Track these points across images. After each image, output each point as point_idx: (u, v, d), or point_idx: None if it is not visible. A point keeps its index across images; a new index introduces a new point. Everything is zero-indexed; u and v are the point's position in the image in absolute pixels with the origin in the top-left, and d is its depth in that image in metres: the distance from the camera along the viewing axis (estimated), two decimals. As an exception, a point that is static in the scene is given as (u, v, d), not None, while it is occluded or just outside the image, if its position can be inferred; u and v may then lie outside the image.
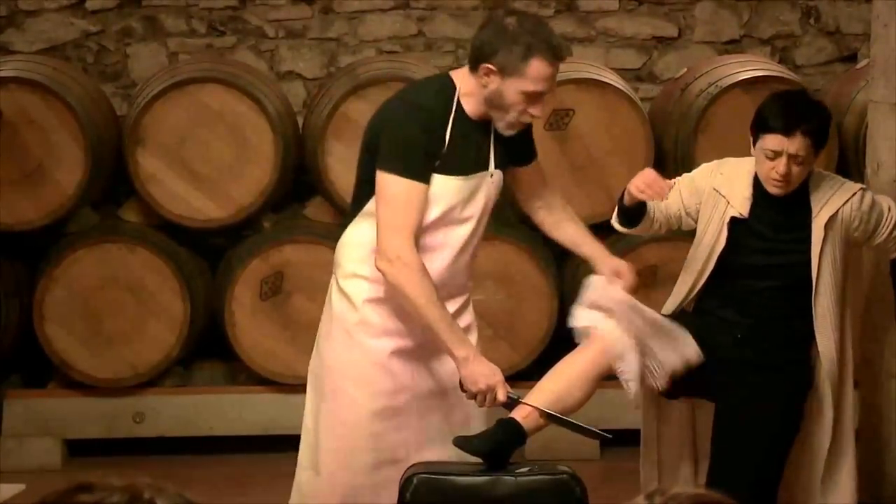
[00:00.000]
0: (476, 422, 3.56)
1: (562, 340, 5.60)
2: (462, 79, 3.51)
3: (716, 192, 3.70)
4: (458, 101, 3.48)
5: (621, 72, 5.91)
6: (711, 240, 3.68)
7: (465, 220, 3.53)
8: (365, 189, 3.49)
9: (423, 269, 3.36)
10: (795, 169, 3.59)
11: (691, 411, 3.77)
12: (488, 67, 3.42)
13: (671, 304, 3.79)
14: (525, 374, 5.27)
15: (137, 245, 5.29)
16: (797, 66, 6.12)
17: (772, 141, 3.59)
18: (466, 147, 3.49)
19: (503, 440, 3.42)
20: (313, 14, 6.14)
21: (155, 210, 5.36)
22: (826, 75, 6.14)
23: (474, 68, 3.46)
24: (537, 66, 3.40)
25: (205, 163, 5.31)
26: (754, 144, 3.65)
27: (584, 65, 5.74)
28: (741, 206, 3.66)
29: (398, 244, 3.34)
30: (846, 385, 3.65)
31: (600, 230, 5.53)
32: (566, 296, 5.50)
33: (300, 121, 5.79)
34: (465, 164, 3.49)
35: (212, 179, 5.33)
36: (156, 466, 5.03)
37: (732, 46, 6.17)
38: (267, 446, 5.22)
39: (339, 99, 5.35)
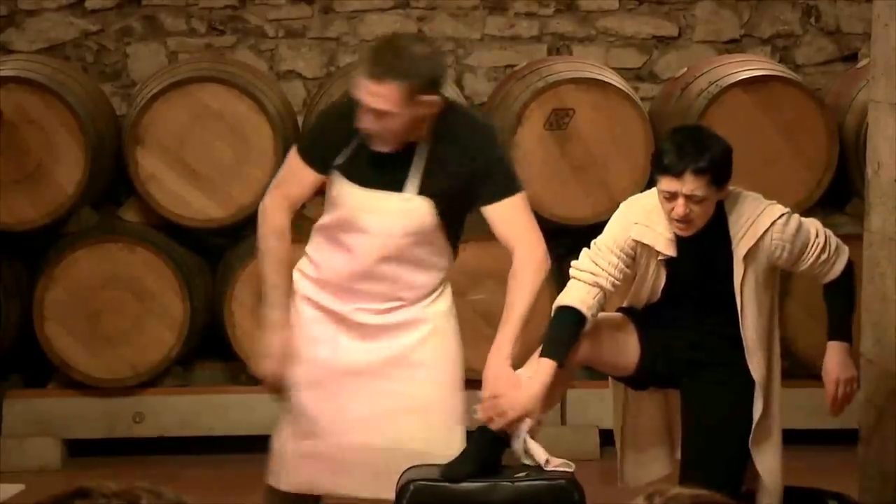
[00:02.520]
0: (411, 418, 3.61)
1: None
2: None
3: (639, 243, 3.62)
4: None
5: (621, 71, 5.91)
6: (651, 280, 3.66)
7: (368, 232, 3.60)
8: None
9: (279, 229, 3.70)
10: (694, 209, 3.52)
11: (663, 399, 3.82)
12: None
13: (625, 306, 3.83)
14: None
15: (137, 245, 5.29)
16: (798, 65, 6.12)
17: (666, 182, 3.53)
18: (374, 161, 3.56)
19: (486, 454, 3.48)
20: (313, 13, 6.14)
21: (155, 210, 5.37)
22: (826, 75, 6.14)
23: None
24: (356, 81, 3.53)
25: (205, 162, 5.31)
26: (657, 187, 3.60)
27: (585, 64, 5.74)
28: (667, 248, 3.60)
29: (268, 200, 3.73)
30: (773, 395, 3.72)
31: (600, 230, 5.54)
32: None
33: (300, 120, 5.79)
34: (367, 175, 3.59)
35: (212, 179, 5.33)
36: (155, 466, 5.04)
37: (733, 46, 6.17)
38: (268, 447, 5.21)
39: (339, 98, 5.35)
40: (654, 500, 1.43)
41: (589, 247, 3.68)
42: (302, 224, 5.56)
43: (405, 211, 3.58)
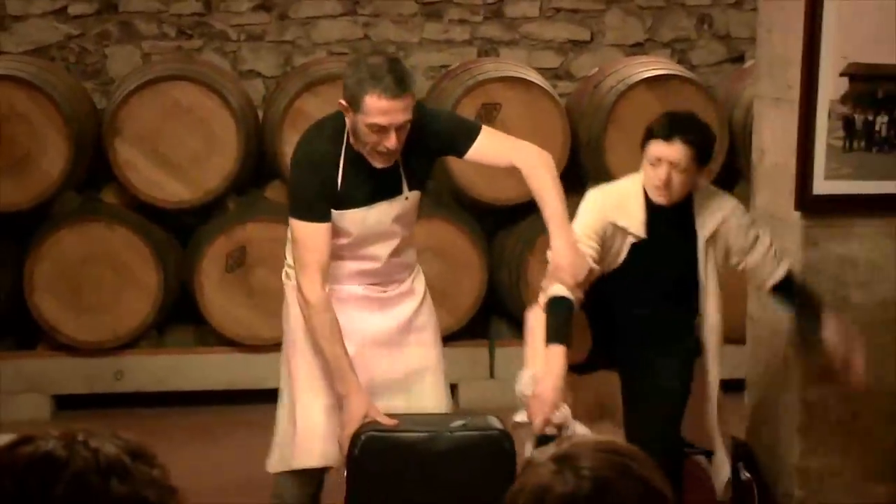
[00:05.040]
0: (420, 377, 3.53)
1: (490, 307, 5.64)
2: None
3: (614, 224, 3.51)
4: (349, 141, 3.36)
5: (542, 70, 5.93)
6: (614, 260, 3.55)
7: (386, 237, 3.46)
8: None
9: (326, 307, 3.33)
10: (676, 177, 3.43)
11: (600, 382, 3.72)
12: (342, 103, 3.32)
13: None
14: (458, 336, 5.29)
15: (116, 224, 5.24)
16: (693, 66, 6.17)
17: (654, 147, 3.44)
18: (362, 182, 3.35)
19: None
20: (271, 20, 6.10)
21: (131, 193, 5.32)
22: (718, 74, 6.19)
23: (340, 104, 3.36)
24: (371, 102, 3.22)
25: (175, 151, 5.27)
26: (644, 157, 3.50)
27: (510, 65, 5.75)
28: (639, 230, 3.51)
29: (307, 286, 3.32)
30: (718, 369, 3.62)
31: (523, 210, 5.57)
32: (495, 268, 5.53)
33: (260, 114, 5.76)
34: (364, 196, 3.37)
35: (182, 166, 5.29)
36: (134, 418, 5.01)
37: (638, 49, 6.21)
38: (231, 400, 5.21)
39: (294, 95, 5.32)
40: (563, 444, 1.43)
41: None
42: (263, 204, 5.55)
43: (404, 208, 3.45)
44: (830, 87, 3.46)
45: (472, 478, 3.24)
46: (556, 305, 3.40)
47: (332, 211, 3.34)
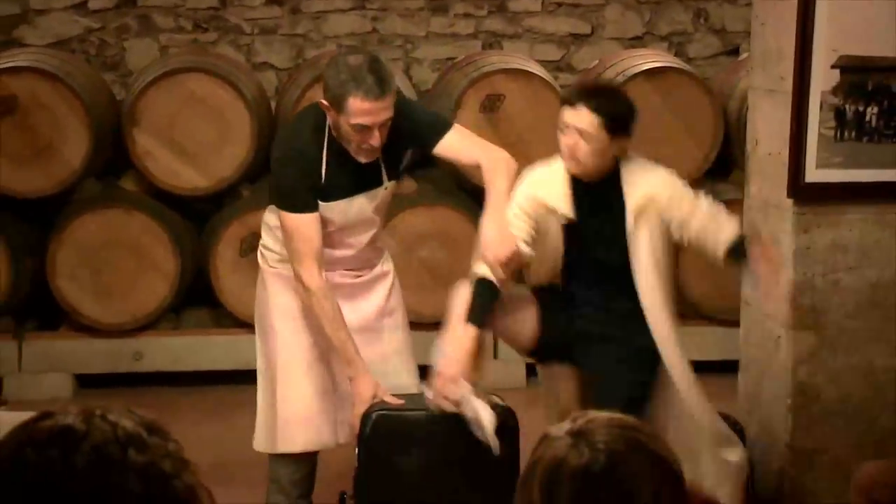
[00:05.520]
0: (396, 357, 3.53)
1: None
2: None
3: (544, 205, 3.33)
4: (331, 135, 3.32)
5: (544, 63, 5.93)
6: (553, 244, 3.39)
7: (366, 226, 3.45)
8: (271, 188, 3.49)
9: (326, 293, 3.32)
10: (583, 146, 3.23)
11: (556, 374, 3.58)
12: (324, 103, 3.28)
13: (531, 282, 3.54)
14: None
15: (135, 210, 5.26)
16: (689, 58, 6.17)
17: (563, 113, 3.27)
18: (345, 173, 3.33)
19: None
20: (283, 14, 6.10)
21: (149, 180, 5.33)
22: (713, 66, 6.19)
23: (321, 102, 3.32)
24: (354, 104, 3.19)
25: (191, 140, 5.28)
26: None
27: (513, 57, 5.75)
28: (564, 208, 3.32)
29: (306, 275, 3.30)
30: (678, 351, 3.39)
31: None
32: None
33: (273, 105, 5.77)
34: (346, 188, 3.35)
35: (198, 155, 5.30)
36: (152, 396, 5.04)
37: (636, 42, 6.21)
38: (246, 380, 5.21)
39: (306, 86, 5.33)
40: (577, 421, 1.46)
41: None
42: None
43: (383, 198, 3.45)
44: (822, 78, 3.47)
45: (476, 453, 3.26)
46: (479, 287, 3.28)
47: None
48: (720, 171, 5.62)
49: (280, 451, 3.50)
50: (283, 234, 3.39)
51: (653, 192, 3.34)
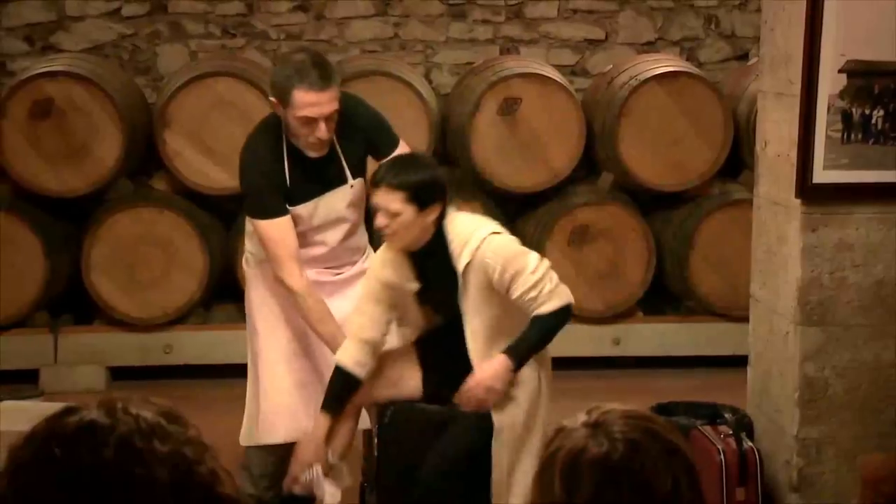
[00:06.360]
0: None
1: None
2: None
3: (391, 284, 3.24)
4: (288, 140, 3.32)
5: (560, 67, 5.91)
6: (414, 312, 3.32)
7: (336, 224, 3.43)
8: None
9: (310, 291, 3.31)
10: (392, 222, 3.11)
11: None
12: (272, 100, 3.30)
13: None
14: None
15: (165, 209, 5.26)
16: (700, 63, 6.14)
17: (372, 195, 3.18)
18: (308, 175, 3.31)
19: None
20: (308, 20, 6.10)
21: (179, 180, 5.34)
22: (724, 71, 6.15)
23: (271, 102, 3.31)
24: (299, 96, 3.20)
25: (220, 142, 5.28)
26: None
27: (530, 62, 5.73)
28: (410, 282, 3.22)
29: (287, 277, 3.30)
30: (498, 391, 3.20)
31: (542, 197, 5.55)
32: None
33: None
34: (311, 190, 3.34)
35: (226, 155, 5.30)
36: (181, 388, 5.04)
37: (649, 47, 6.18)
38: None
39: (330, 89, 5.32)
40: (592, 413, 1.44)
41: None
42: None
43: (352, 195, 3.43)
44: (829, 82, 3.44)
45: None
46: (336, 375, 3.27)
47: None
48: (730, 172, 5.59)
49: (262, 442, 3.49)
50: (259, 240, 3.39)
51: (476, 255, 3.14)
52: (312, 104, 3.22)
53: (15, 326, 5.21)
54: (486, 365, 3.15)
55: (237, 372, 5.29)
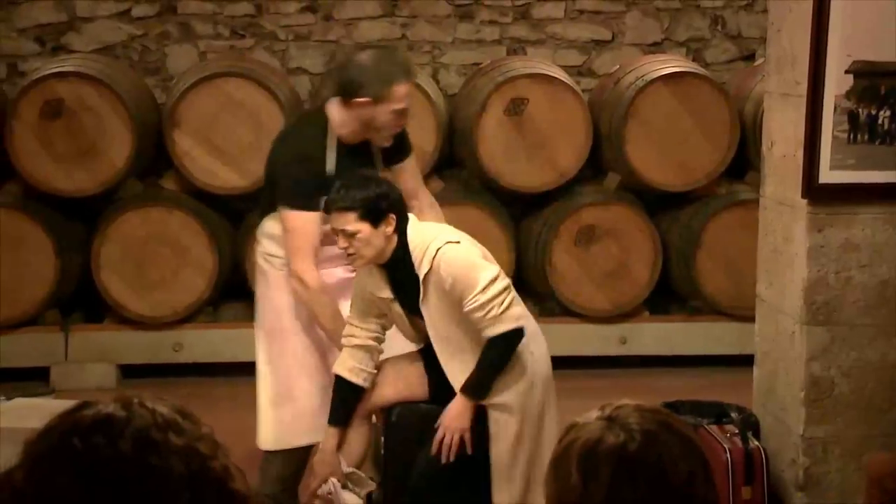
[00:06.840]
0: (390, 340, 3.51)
1: (517, 286, 5.63)
2: (335, 112, 3.39)
3: (373, 296, 3.27)
4: (334, 135, 3.38)
5: (566, 68, 5.90)
6: (402, 320, 3.30)
7: None
8: (270, 197, 3.49)
9: (320, 286, 3.36)
10: (354, 243, 3.15)
11: None
12: (360, 101, 3.32)
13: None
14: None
15: (175, 208, 5.27)
16: (707, 63, 6.13)
17: (327, 219, 3.23)
18: (350, 172, 3.36)
19: None
20: (317, 21, 6.10)
21: (188, 180, 5.35)
22: (730, 71, 6.15)
23: (347, 103, 3.35)
24: (399, 89, 3.32)
25: (229, 142, 5.29)
26: None
27: (537, 62, 5.73)
28: (387, 291, 3.25)
29: (302, 268, 3.34)
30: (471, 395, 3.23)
31: (548, 197, 5.55)
32: (522, 251, 5.52)
33: (306, 107, 5.77)
34: None
35: (234, 155, 5.31)
36: (190, 386, 5.05)
37: (655, 48, 6.17)
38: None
39: (338, 90, 5.33)
40: (606, 409, 1.45)
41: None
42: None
43: None
44: (836, 83, 3.44)
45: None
46: (338, 386, 3.30)
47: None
48: (737, 172, 5.58)
49: (290, 446, 3.50)
50: (284, 232, 3.40)
51: (433, 265, 3.16)
52: (409, 95, 3.38)
53: (26, 325, 5.23)
54: (449, 409, 3.21)
55: (246, 370, 5.31)
